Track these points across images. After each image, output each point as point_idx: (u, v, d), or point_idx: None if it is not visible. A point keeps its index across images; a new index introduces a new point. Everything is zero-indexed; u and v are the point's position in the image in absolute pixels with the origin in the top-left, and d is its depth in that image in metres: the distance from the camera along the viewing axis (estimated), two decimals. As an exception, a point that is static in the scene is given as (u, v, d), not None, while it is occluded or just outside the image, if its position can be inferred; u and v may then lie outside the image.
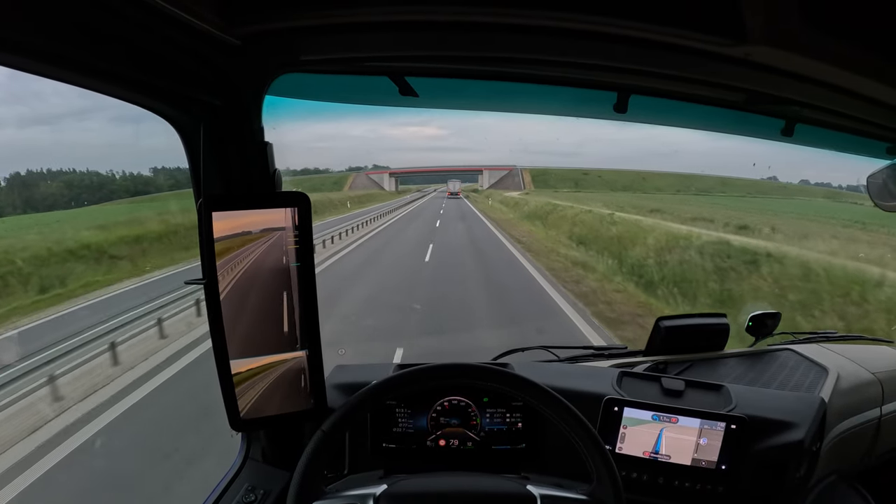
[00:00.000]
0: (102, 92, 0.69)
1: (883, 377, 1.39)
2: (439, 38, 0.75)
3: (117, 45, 0.61)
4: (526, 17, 0.66)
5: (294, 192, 0.83)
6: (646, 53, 0.72)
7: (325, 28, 0.71)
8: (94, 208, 17.01)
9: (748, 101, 0.95)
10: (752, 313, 1.52)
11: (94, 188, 19.12)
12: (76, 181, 18.87)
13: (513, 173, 72.76)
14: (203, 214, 0.78)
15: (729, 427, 1.06)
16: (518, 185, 66.25)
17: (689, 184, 45.28)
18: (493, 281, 9.77)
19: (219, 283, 0.80)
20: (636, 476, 1.09)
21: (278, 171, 0.90)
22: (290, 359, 0.89)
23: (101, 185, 19.67)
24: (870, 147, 1.17)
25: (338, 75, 0.93)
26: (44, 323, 7.41)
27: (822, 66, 0.67)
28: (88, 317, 7.05)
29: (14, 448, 3.81)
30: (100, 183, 19.72)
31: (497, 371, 0.84)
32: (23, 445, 3.85)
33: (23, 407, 4.42)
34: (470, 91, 1.04)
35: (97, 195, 18.69)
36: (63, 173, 18.41)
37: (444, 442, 1.11)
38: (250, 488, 1.00)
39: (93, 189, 18.92)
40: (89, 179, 19.40)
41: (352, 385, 1.13)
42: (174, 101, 0.80)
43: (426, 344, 5.56)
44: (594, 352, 1.47)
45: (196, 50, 0.71)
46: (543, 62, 0.84)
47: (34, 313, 7.98)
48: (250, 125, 0.85)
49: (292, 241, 0.84)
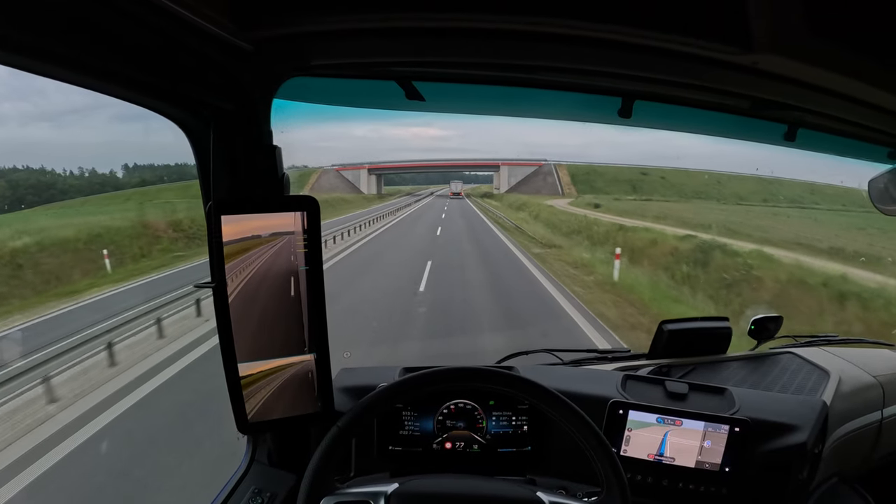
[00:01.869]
0: (113, 95, 0.69)
1: (884, 380, 1.40)
2: (447, 44, 0.76)
3: (128, 49, 0.61)
4: (533, 24, 0.66)
5: (303, 196, 0.83)
6: (652, 61, 0.73)
7: (336, 33, 0.71)
8: (28, 212, 15.22)
9: (752, 107, 0.96)
10: (754, 317, 1.52)
11: (42, 188, 17.81)
12: (22, 181, 17.60)
13: (543, 171, 50.27)
14: (212, 218, 0.78)
15: (732, 430, 1.06)
16: (553, 188, 46.65)
17: (774, 191, 33.64)
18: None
19: (228, 286, 0.81)
20: (641, 478, 1.10)
21: (287, 174, 0.90)
22: (297, 362, 0.89)
23: (51, 185, 18.46)
24: (871, 152, 1.19)
25: (345, 79, 0.94)
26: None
27: (827, 74, 0.68)
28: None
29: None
30: (49, 182, 18.53)
31: (517, 378, 0.83)
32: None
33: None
34: (475, 95, 1.05)
35: (44, 195, 17.31)
36: (12, 171, 17.33)
37: (451, 445, 1.11)
38: (256, 491, 1.00)
39: (40, 189, 17.62)
40: (35, 179, 18.19)
41: (358, 388, 1.14)
42: (185, 105, 0.80)
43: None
44: (598, 355, 1.48)
45: (208, 54, 0.71)
46: (549, 68, 0.85)
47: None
48: (259, 129, 0.86)
49: (301, 245, 0.85)
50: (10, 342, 6.37)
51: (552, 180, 48.41)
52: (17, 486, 3.31)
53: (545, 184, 48.27)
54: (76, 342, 5.08)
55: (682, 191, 39.21)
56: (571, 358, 1.45)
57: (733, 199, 33.40)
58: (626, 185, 42.50)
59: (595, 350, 1.49)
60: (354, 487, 0.79)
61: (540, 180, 49.17)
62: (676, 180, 41.22)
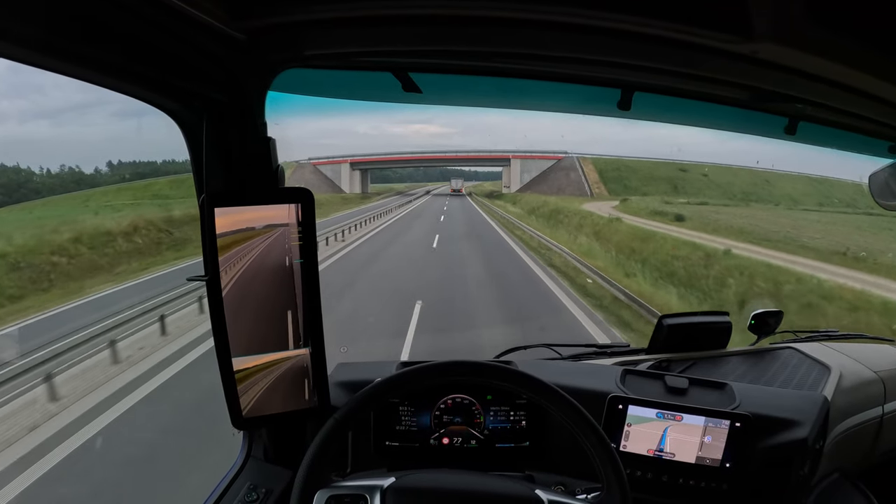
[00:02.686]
0: (105, 86, 0.68)
1: (885, 375, 1.39)
2: (442, 32, 0.75)
3: (120, 39, 0.60)
4: (529, 11, 0.65)
5: (297, 188, 0.83)
6: (651, 49, 0.72)
7: (329, 22, 0.71)
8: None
9: (752, 98, 0.95)
10: (755, 311, 1.52)
11: (13, 187, 17.33)
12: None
13: (563, 166, 40.93)
14: (205, 210, 0.78)
15: (733, 425, 1.05)
16: (578, 187, 37.92)
17: (827, 192, 28.91)
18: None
19: (221, 279, 0.80)
20: (640, 474, 1.09)
21: (281, 166, 0.89)
22: (292, 356, 0.88)
23: (22, 184, 17.99)
24: (872, 146, 1.18)
25: (341, 71, 0.93)
26: None
27: (828, 64, 0.67)
28: None
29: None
30: (20, 181, 18.02)
31: (514, 372, 0.82)
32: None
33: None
34: (472, 87, 1.04)
35: (14, 195, 16.73)
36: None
37: (448, 440, 1.11)
38: (252, 487, 0.99)
39: (11, 189, 17.10)
40: (7, 177, 17.56)
41: (355, 383, 1.13)
42: (177, 96, 0.79)
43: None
44: (597, 350, 1.47)
45: (200, 44, 0.70)
46: (547, 58, 0.84)
47: None
48: (253, 120, 0.85)
49: (295, 238, 0.84)
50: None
51: (576, 177, 39.82)
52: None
53: (568, 181, 39.39)
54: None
55: (730, 191, 32.82)
56: (570, 353, 1.44)
57: (785, 200, 29.23)
58: (665, 183, 35.57)
59: (594, 345, 1.49)
60: (350, 481, 0.78)
61: (561, 177, 40.31)
62: (720, 178, 34.86)
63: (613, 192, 35.26)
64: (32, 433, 3.93)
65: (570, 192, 36.63)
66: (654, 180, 36.59)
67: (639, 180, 37.40)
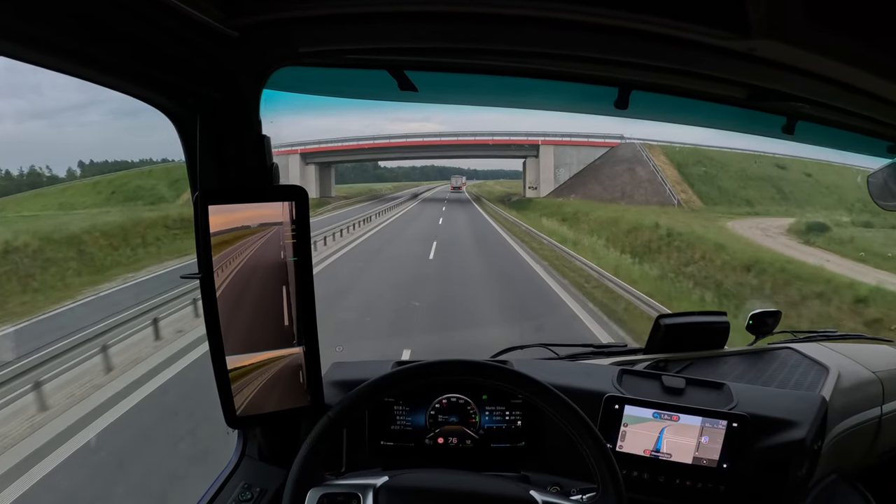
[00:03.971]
0: (98, 83, 0.68)
1: (883, 376, 1.39)
2: (438, 29, 0.74)
3: (113, 36, 0.60)
4: (525, 8, 0.65)
5: (292, 185, 0.82)
6: (648, 47, 0.72)
7: (323, 19, 0.70)
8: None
9: (750, 97, 0.94)
10: (753, 311, 1.51)
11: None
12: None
13: (622, 156, 26.29)
14: (199, 208, 0.77)
15: (730, 425, 1.05)
16: (656, 190, 23.20)
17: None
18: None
19: (215, 278, 0.79)
20: (637, 475, 1.08)
21: (276, 164, 0.89)
22: (287, 355, 0.88)
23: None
24: (871, 146, 1.17)
25: (336, 69, 0.92)
26: None
27: (826, 62, 0.67)
28: None
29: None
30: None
31: (510, 371, 0.82)
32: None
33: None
34: (469, 85, 1.04)
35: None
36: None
37: (443, 440, 1.10)
38: (246, 486, 0.99)
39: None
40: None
41: (349, 382, 1.12)
42: (171, 93, 0.79)
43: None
44: (594, 349, 1.46)
45: (194, 41, 0.70)
46: (544, 55, 0.84)
47: None
48: (248, 118, 0.84)
49: (289, 236, 0.83)
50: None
51: (647, 174, 24.47)
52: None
53: (635, 181, 24.31)
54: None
55: (844, 196, 20.52)
56: (567, 352, 1.43)
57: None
58: (765, 185, 23.29)
59: (591, 345, 1.48)
60: (343, 480, 0.77)
61: (622, 173, 25.10)
62: (828, 179, 22.45)
63: (707, 198, 22.76)
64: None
65: (641, 198, 23.01)
66: (751, 180, 24.01)
67: (730, 179, 24.25)
